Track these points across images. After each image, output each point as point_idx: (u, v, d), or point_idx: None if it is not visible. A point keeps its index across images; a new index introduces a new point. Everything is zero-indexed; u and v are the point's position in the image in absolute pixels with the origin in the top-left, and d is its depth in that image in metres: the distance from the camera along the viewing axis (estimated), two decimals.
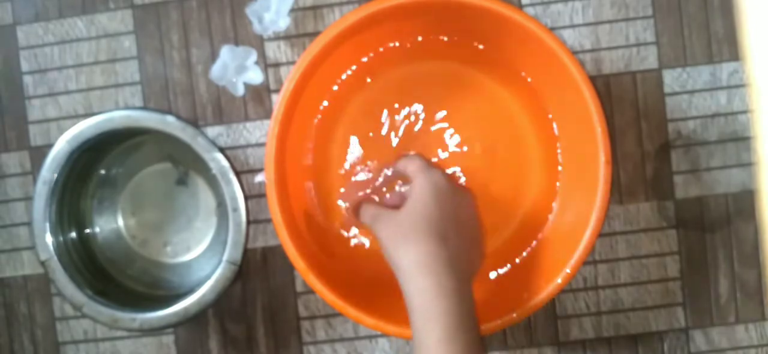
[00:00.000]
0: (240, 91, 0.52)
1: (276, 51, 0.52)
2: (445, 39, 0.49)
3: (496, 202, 0.51)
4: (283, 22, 0.50)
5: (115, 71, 0.53)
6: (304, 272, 0.45)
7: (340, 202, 0.51)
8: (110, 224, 0.55)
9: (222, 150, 0.50)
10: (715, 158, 0.52)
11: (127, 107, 0.53)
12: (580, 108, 0.45)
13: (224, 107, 0.53)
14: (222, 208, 0.54)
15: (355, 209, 0.50)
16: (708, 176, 0.52)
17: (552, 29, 0.51)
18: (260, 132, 0.53)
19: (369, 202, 0.49)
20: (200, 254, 0.54)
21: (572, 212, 0.48)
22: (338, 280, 0.46)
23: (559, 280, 0.45)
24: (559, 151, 0.49)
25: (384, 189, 0.51)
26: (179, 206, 0.54)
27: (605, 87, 0.52)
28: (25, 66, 0.54)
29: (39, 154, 0.53)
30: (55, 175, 0.50)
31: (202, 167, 0.51)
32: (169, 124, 0.50)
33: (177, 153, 0.54)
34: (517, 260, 0.50)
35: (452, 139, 0.51)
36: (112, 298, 0.51)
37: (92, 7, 0.53)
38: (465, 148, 0.51)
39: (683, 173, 0.52)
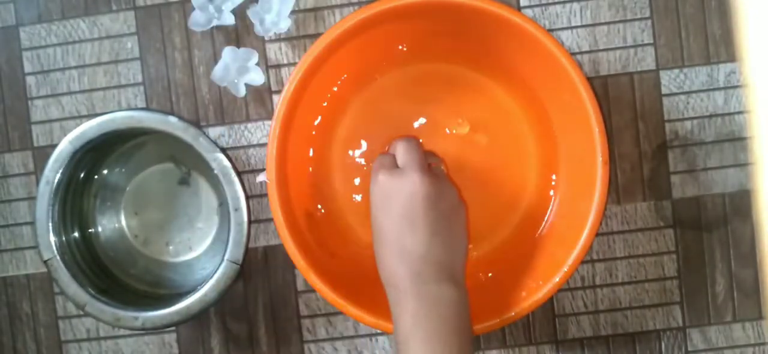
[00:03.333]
0: (241, 92, 0.52)
1: (277, 52, 0.53)
2: (444, 41, 0.49)
3: (494, 202, 0.51)
4: (284, 24, 0.51)
5: (118, 72, 0.53)
6: (305, 271, 0.46)
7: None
8: (113, 224, 0.55)
9: (224, 150, 0.50)
10: (712, 158, 0.52)
11: (129, 108, 0.53)
12: (578, 109, 0.45)
13: (226, 108, 0.53)
14: (224, 208, 0.54)
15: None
16: (705, 176, 0.52)
17: (550, 31, 0.51)
18: (262, 132, 0.53)
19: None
20: (202, 253, 0.55)
21: (570, 212, 0.48)
22: (339, 278, 0.47)
23: (557, 279, 0.45)
24: (557, 151, 0.50)
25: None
26: (181, 206, 0.55)
27: (603, 88, 0.52)
28: (28, 67, 0.54)
29: (42, 154, 0.54)
30: (58, 175, 0.51)
31: (204, 167, 0.51)
32: (171, 124, 0.50)
33: (179, 153, 0.54)
34: (516, 259, 0.50)
35: (451, 140, 0.51)
36: (115, 297, 0.52)
37: (95, 8, 0.53)
38: (463, 149, 0.51)
39: (680, 173, 0.52)
